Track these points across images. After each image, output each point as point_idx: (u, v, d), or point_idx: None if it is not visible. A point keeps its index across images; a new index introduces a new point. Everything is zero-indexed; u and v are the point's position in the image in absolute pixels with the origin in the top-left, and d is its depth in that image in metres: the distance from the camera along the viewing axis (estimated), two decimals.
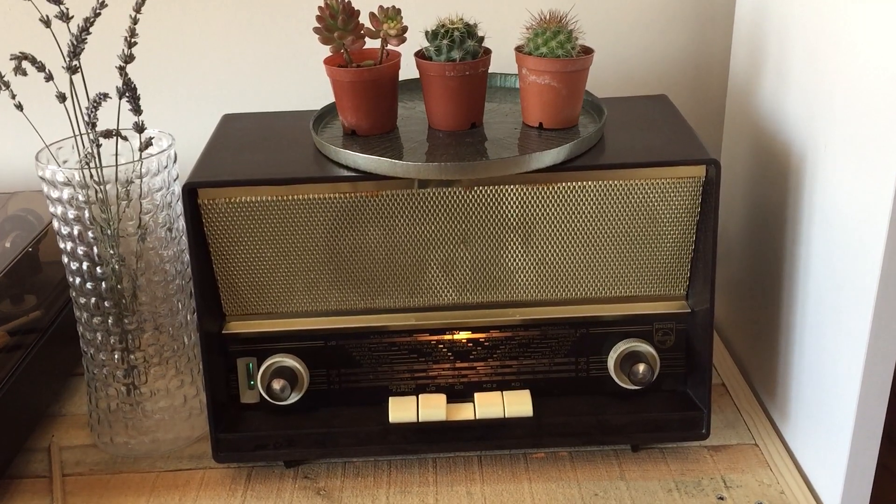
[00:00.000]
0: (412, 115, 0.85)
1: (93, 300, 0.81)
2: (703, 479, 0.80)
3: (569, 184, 0.77)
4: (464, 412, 0.81)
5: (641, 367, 0.80)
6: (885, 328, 0.69)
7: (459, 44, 0.76)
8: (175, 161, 0.82)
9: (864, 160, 0.69)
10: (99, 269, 0.80)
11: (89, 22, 0.73)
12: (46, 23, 0.73)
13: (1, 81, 0.75)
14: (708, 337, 0.80)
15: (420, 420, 0.80)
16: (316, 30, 0.77)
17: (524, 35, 0.78)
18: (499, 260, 0.81)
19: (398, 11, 0.77)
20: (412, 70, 0.80)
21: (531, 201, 0.78)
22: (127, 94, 0.76)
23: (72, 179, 0.77)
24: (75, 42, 0.73)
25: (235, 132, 0.86)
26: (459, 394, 0.83)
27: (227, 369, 0.82)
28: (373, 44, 0.78)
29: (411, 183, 0.77)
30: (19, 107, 0.75)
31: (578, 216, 0.79)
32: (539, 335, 0.83)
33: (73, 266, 0.80)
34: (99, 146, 0.75)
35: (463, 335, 0.83)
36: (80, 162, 0.76)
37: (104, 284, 0.80)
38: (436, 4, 0.85)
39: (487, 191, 0.77)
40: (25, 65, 0.72)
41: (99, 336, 0.82)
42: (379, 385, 0.83)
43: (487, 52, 0.79)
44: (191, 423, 0.87)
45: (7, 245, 0.92)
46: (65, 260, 0.81)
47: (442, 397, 0.82)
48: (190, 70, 1.05)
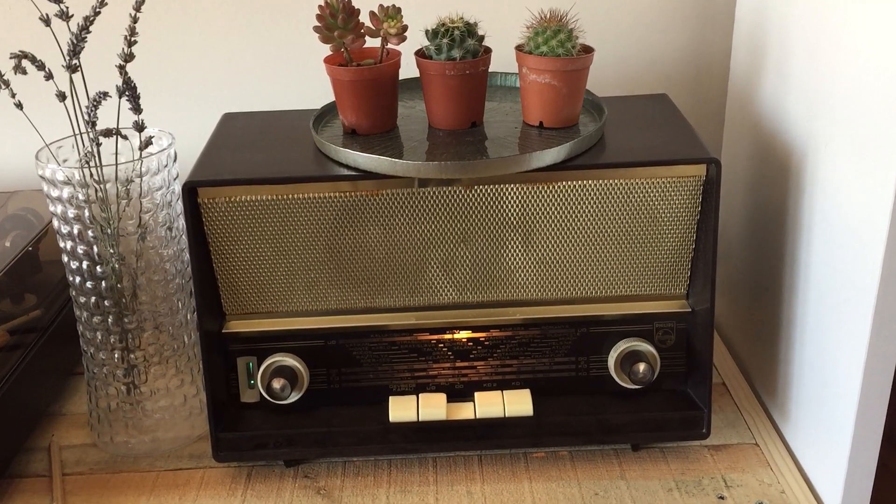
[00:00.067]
0: (412, 114, 0.85)
1: (93, 299, 0.81)
2: (703, 479, 0.80)
3: (569, 183, 0.77)
4: (464, 411, 0.81)
5: (642, 367, 0.80)
6: (886, 328, 0.69)
7: (460, 43, 0.76)
8: (175, 160, 0.82)
9: (864, 160, 0.69)
10: (99, 268, 0.80)
11: (89, 21, 0.73)
12: (46, 21, 0.73)
13: (1, 80, 0.75)
14: (708, 336, 0.80)
15: (420, 419, 0.80)
16: (316, 29, 0.77)
17: (524, 34, 0.78)
18: (499, 259, 0.80)
19: (398, 10, 0.77)
20: (412, 69, 0.80)
21: (531, 200, 0.78)
22: (127, 93, 0.75)
23: (72, 178, 0.77)
24: (75, 41, 0.73)
25: (235, 131, 0.86)
26: (460, 393, 0.83)
27: (227, 368, 0.82)
28: (373, 43, 0.78)
29: (411, 182, 0.77)
30: (19, 106, 0.75)
31: (579, 215, 0.79)
32: (539, 334, 0.83)
33: (73, 265, 0.80)
34: (99, 145, 0.75)
35: (463, 334, 0.83)
36: (80, 161, 0.76)
37: (104, 283, 0.80)
38: (436, 3, 0.85)
39: (488, 190, 0.77)
40: (25, 63, 0.72)
41: (99, 335, 0.82)
42: (379, 384, 0.83)
43: (488, 50, 0.79)
44: (191, 422, 0.87)
45: (7, 244, 0.92)
46: (65, 259, 0.81)
47: (442, 396, 0.81)
48: (190, 69, 1.05)
